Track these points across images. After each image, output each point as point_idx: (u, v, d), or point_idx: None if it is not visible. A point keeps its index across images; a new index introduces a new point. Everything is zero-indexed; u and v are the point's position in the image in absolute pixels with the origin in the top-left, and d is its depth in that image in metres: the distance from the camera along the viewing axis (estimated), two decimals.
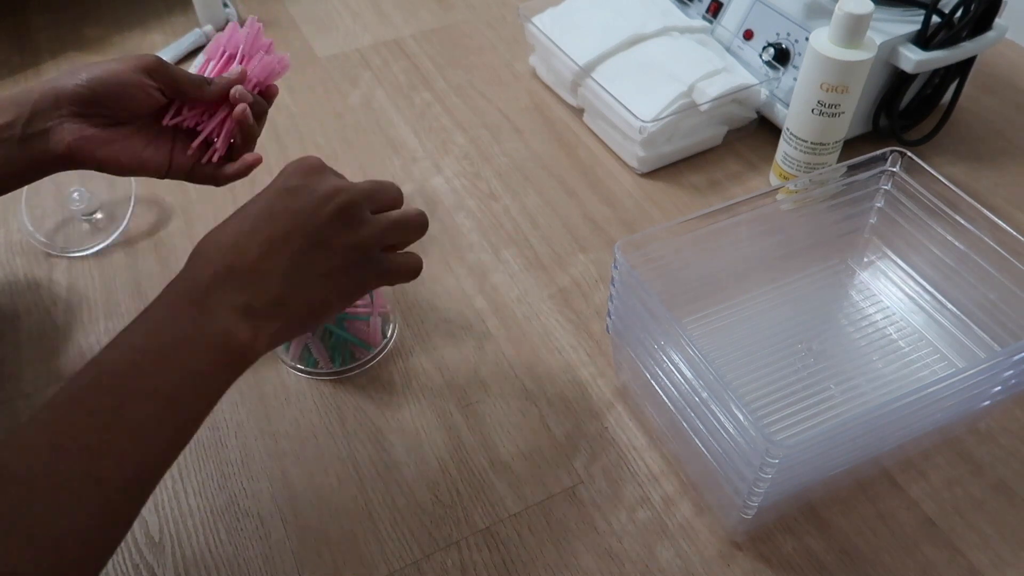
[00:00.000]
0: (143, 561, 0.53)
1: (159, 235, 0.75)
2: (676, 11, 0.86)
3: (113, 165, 0.54)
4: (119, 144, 0.54)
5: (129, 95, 0.53)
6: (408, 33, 1.00)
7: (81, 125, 0.52)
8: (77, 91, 0.52)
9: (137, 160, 0.55)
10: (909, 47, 0.72)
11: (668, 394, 0.52)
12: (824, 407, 0.58)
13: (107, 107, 0.53)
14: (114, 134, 0.54)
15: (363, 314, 0.61)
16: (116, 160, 0.54)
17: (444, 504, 0.55)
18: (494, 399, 0.61)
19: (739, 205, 0.57)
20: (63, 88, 0.52)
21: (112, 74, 0.52)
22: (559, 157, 0.82)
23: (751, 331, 0.63)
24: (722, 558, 0.52)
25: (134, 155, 0.55)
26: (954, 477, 0.56)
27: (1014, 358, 0.48)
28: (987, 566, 0.52)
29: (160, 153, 0.56)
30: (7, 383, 0.63)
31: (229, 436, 0.60)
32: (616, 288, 0.53)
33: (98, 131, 0.53)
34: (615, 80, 0.78)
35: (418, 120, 0.87)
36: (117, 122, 0.54)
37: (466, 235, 0.74)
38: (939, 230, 0.59)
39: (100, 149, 0.53)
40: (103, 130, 0.53)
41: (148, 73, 0.53)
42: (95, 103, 0.52)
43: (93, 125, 0.53)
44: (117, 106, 0.53)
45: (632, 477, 0.57)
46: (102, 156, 0.53)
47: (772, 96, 0.79)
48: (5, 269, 0.72)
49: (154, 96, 0.54)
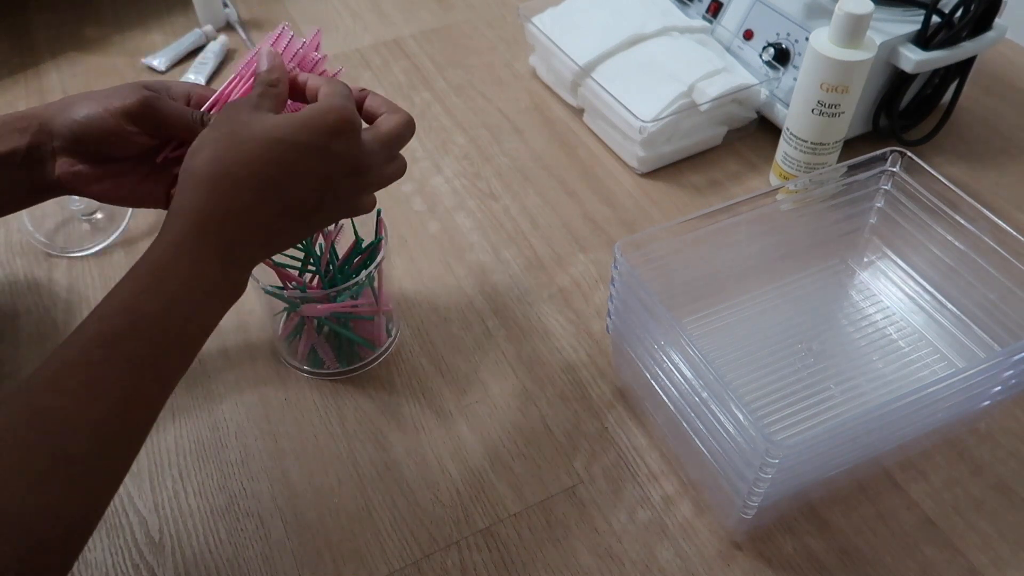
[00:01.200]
0: (143, 561, 0.53)
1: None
2: (676, 11, 0.86)
3: (107, 199, 0.52)
4: (111, 181, 0.52)
5: (110, 143, 0.50)
6: (408, 33, 1.00)
7: (71, 160, 0.50)
8: (62, 130, 0.50)
9: (132, 195, 0.52)
10: (909, 47, 0.72)
11: (668, 394, 0.52)
12: (824, 407, 0.58)
13: (91, 149, 0.50)
14: (105, 171, 0.51)
15: (367, 314, 0.61)
16: (108, 195, 0.52)
17: (444, 504, 0.55)
18: (494, 399, 0.61)
19: (739, 205, 0.57)
20: (54, 122, 0.50)
21: (93, 120, 0.49)
22: (559, 157, 0.82)
23: (751, 331, 0.63)
24: (722, 558, 0.52)
25: (128, 191, 0.52)
26: (954, 477, 0.56)
27: (1014, 358, 0.48)
28: (987, 566, 0.52)
29: (158, 187, 0.53)
30: (7, 383, 0.63)
31: (229, 436, 0.60)
32: (616, 288, 0.53)
33: (88, 167, 0.51)
34: (615, 80, 0.78)
35: (418, 120, 0.86)
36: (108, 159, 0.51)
37: (466, 235, 0.74)
38: (939, 230, 0.59)
39: (90, 185, 0.51)
40: (93, 167, 0.51)
41: (132, 119, 0.49)
42: (79, 143, 0.50)
43: (83, 161, 0.51)
44: (100, 150, 0.50)
45: (632, 477, 0.57)
46: (94, 191, 0.52)
47: (772, 96, 0.79)
48: (5, 269, 0.72)
49: (138, 142, 0.50)
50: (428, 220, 0.76)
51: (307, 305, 0.58)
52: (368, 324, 0.62)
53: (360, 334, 0.62)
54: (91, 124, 0.49)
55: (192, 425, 0.60)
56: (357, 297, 0.59)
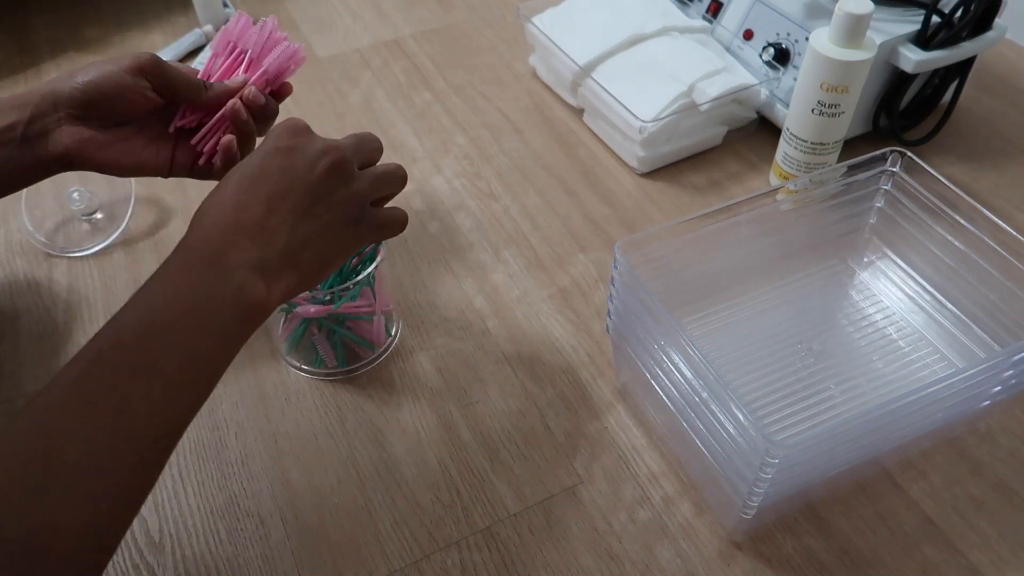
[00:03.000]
0: (143, 561, 0.53)
1: (159, 235, 0.75)
2: (676, 11, 0.86)
3: (113, 167, 0.54)
4: (118, 146, 0.54)
5: (123, 98, 0.53)
6: (408, 33, 1.00)
7: (79, 128, 0.52)
8: (73, 94, 0.52)
9: (137, 161, 0.55)
10: (909, 47, 0.72)
11: (668, 394, 0.52)
12: (824, 407, 0.58)
13: (103, 110, 0.53)
14: (113, 136, 0.54)
15: (367, 313, 0.61)
16: (116, 162, 0.54)
17: (444, 504, 0.55)
18: (494, 399, 0.61)
19: (739, 205, 0.57)
20: (60, 91, 0.52)
21: (106, 76, 0.52)
22: (559, 157, 0.82)
23: (751, 331, 0.63)
24: (722, 558, 0.52)
25: (134, 156, 0.54)
26: (954, 477, 0.56)
27: (1014, 358, 0.48)
28: (987, 566, 0.52)
29: (161, 153, 0.56)
30: (7, 383, 0.63)
31: (229, 436, 0.60)
32: (616, 288, 0.53)
33: (96, 133, 0.53)
34: (615, 80, 0.78)
35: (418, 120, 0.87)
36: (115, 124, 0.54)
37: (466, 235, 0.74)
38: (939, 230, 0.59)
39: (99, 152, 0.53)
40: (101, 132, 0.53)
41: (143, 74, 0.53)
42: (91, 106, 0.52)
43: (91, 128, 0.53)
44: (113, 109, 0.53)
45: (632, 477, 0.57)
46: (101, 158, 0.53)
47: (772, 96, 0.79)
48: (5, 269, 0.72)
49: (149, 98, 0.54)
50: (428, 220, 0.76)
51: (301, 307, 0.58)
52: (368, 324, 0.62)
53: (359, 334, 0.62)
54: (104, 82, 0.52)
55: (192, 425, 0.60)
56: (355, 299, 0.59)
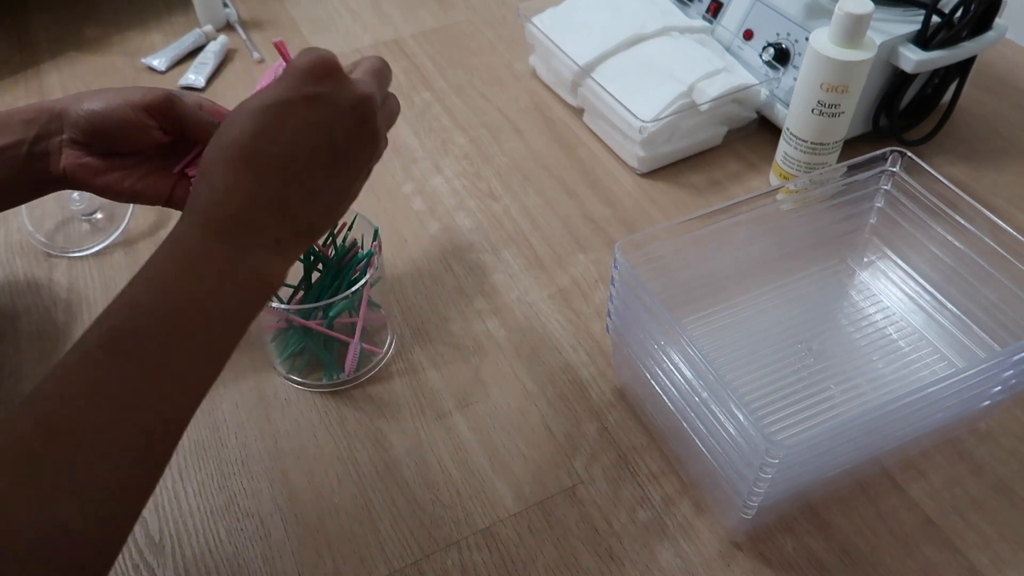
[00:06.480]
0: (143, 561, 0.53)
1: (159, 235, 0.75)
2: (676, 11, 0.86)
3: (110, 192, 0.53)
4: (116, 174, 0.53)
5: (127, 133, 0.51)
6: (408, 33, 1.00)
7: (79, 152, 0.52)
8: (78, 121, 0.51)
9: (133, 191, 0.53)
10: (909, 47, 0.72)
11: (668, 394, 0.52)
12: (824, 407, 0.58)
13: (105, 141, 0.52)
14: (112, 164, 0.53)
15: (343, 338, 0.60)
16: (112, 189, 0.53)
17: (444, 504, 0.55)
18: (494, 399, 0.61)
19: (739, 205, 0.57)
20: (67, 113, 0.51)
21: (113, 110, 0.51)
22: (559, 157, 0.82)
23: (751, 331, 0.63)
24: (722, 558, 0.52)
25: (131, 186, 0.53)
26: (954, 477, 0.56)
27: (1014, 358, 0.48)
28: (987, 566, 0.52)
29: (159, 187, 0.54)
30: (7, 383, 0.63)
31: (229, 436, 0.60)
32: (616, 288, 0.53)
33: (95, 160, 0.52)
34: (615, 80, 0.78)
35: (418, 120, 0.87)
36: (118, 153, 0.53)
37: (466, 235, 0.74)
38: (939, 230, 0.59)
39: (95, 177, 0.52)
40: (101, 160, 0.52)
41: (151, 112, 0.51)
42: (94, 135, 0.51)
43: (91, 154, 0.52)
44: (115, 141, 0.52)
45: (632, 477, 0.57)
46: (98, 184, 0.52)
47: (772, 96, 0.79)
48: (5, 269, 0.72)
49: (154, 136, 0.52)
50: (428, 220, 0.76)
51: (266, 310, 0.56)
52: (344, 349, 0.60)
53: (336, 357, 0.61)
54: (110, 114, 0.51)
55: (192, 425, 0.60)
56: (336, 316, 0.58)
